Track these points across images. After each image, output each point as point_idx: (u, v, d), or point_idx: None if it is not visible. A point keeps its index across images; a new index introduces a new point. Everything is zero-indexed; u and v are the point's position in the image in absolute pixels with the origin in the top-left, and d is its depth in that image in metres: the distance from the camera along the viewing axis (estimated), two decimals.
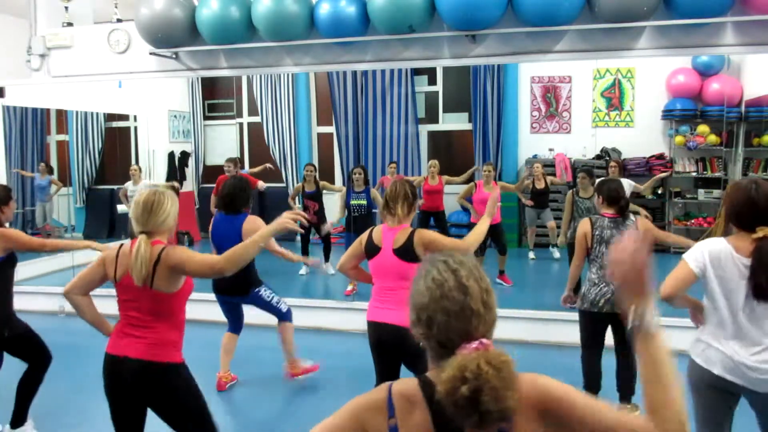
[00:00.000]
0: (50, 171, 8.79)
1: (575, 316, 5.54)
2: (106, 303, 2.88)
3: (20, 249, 3.51)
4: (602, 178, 4.93)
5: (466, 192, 7.16)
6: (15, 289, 3.66)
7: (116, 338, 2.61)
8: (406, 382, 1.33)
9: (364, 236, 3.26)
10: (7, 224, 3.54)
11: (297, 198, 7.87)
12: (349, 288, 6.76)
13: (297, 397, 4.38)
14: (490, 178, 7.06)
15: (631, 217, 3.82)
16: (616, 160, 7.53)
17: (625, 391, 3.92)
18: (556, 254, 8.36)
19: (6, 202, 3.51)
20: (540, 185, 8.09)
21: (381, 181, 8.76)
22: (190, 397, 2.63)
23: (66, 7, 6.28)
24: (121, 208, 8.71)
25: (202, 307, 5.98)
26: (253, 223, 4.16)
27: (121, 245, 2.62)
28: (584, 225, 3.80)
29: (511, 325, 5.29)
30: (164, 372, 2.56)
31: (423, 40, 5.15)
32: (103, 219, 9.78)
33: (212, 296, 5.98)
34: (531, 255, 8.49)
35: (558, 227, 7.98)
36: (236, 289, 4.33)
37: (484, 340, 1.22)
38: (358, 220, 6.88)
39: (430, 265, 1.32)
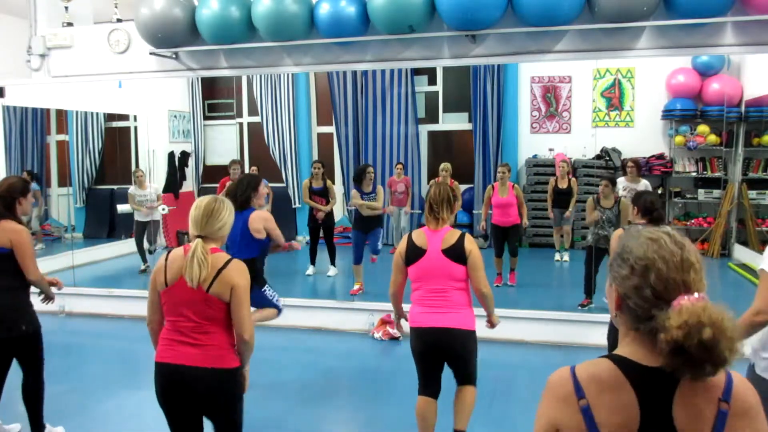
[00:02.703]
0: (34, 178, 8.55)
1: (575, 316, 5.56)
2: (106, 303, 2.88)
3: (19, 256, 3.38)
4: (639, 191, 4.95)
5: (486, 198, 7.19)
6: None
7: (167, 346, 2.55)
8: (593, 363, 1.31)
9: (402, 246, 3.26)
10: (24, 218, 3.49)
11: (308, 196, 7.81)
12: (356, 287, 6.74)
13: (297, 397, 4.38)
14: (505, 180, 7.05)
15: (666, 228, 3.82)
16: (633, 159, 7.47)
17: None
18: (565, 257, 8.40)
19: (24, 193, 3.44)
20: (563, 185, 7.98)
21: (389, 182, 8.76)
22: (242, 401, 2.64)
23: (66, 7, 6.29)
24: (121, 208, 8.71)
25: None
26: (260, 215, 4.20)
27: (168, 252, 2.60)
28: (620, 234, 3.73)
29: (512, 325, 5.29)
30: (226, 377, 2.54)
31: (423, 40, 5.15)
32: (102, 219, 9.78)
33: None
34: (557, 256, 8.47)
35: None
36: None
37: (705, 295, 1.22)
38: (368, 220, 6.85)
39: (637, 231, 1.34)
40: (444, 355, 3.24)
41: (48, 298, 3.61)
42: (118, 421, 3.94)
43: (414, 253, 3.21)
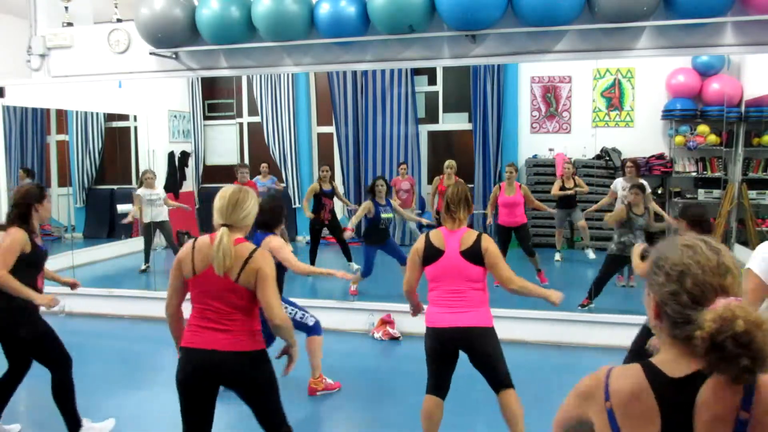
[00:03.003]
0: (31, 176, 8.55)
1: (575, 316, 5.56)
2: (106, 303, 2.88)
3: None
4: (686, 203, 4.84)
5: (492, 198, 7.14)
6: None
7: (195, 332, 2.61)
8: (628, 369, 1.34)
9: (420, 245, 3.25)
10: (38, 225, 3.52)
11: (309, 201, 7.79)
12: (353, 287, 6.73)
13: (297, 397, 4.37)
14: (512, 180, 7.02)
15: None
16: (633, 160, 7.44)
17: None
18: (591, 255, 8.11)
19: (40, 200, 3.46)
20: (569, 184, 7.95)
21: (393, 182, 8.74)
22: (275, 382, 2.70)
23: (66, 7, 6.29)
24: (121, 207, 8.70)
25: None
26: (267, 242, 3.98)
27: (195, 240, 2.64)
28: None
29: (512, 325, 5.29)
30: (255, 360, 2.62)
31: (423, 40, 5.15)
32: (102, 219, 9.78)
33: None
34: (557, 256, 8.42)
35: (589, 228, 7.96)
36: None
37: (741, 299, 1.22)
38: (383, 233, 6.69)
39: (673, 239, 1.35)
40: (469, 357, 3.21)
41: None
42: (118, 421, 3.94)
43: (431, 254, 3.21)
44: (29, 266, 3.42)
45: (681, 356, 1.28)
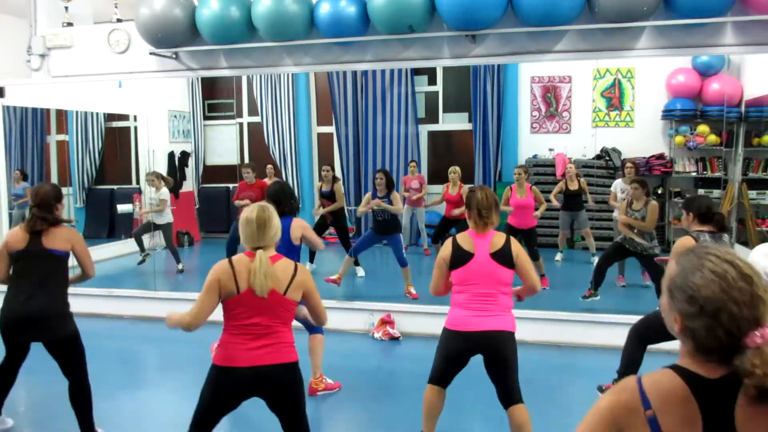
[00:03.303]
0: (25, 177, 8.51)
1: (575, 316, 5.56)
2: (106, 303, 2.88)
3: (78, 254, 3.66)
4: (690, 195, 4.78)
5: (504, 200, 7.08)
6: None
7: (240, 350, 2.65)
8: (659, 374, 1.33)
9: (447, 249, 3.25)
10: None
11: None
12: (334, 277, 6.63)
13: None
14: (522, 181, 6.98)
15: (726, 235, 3.68)
16: (632, 160, 7.40)
17: None
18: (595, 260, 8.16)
19: (59, 199, 3.62)
20: (573, 186, 7.81)
21: (403, 180, 8.73)
22: (303, 390, 2.81)
23: (66, 7, 6.29)
24: (121, 208, 8.70)
25: None
26: (299, 224, 4.27)
27: (230, 260, 2.69)
28: (688, 242, 3.53)
29: None
30: (297, 370, 2.74)
31: (423, 40, 5.15)
32: (103, 219, 9.78)
33: None
34: (558, 257, 8.41)
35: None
36: None
37: None
38: (382, 224, 6.72)
39: (698, 258, 1.31)
40: (487, 362, 3.20)
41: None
42: (118, 421, 3.94)
43: (460, 256, 3.20)
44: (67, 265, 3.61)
45: (710, 361, 1.28)
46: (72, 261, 3.66)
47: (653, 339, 3.88)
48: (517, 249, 3.22)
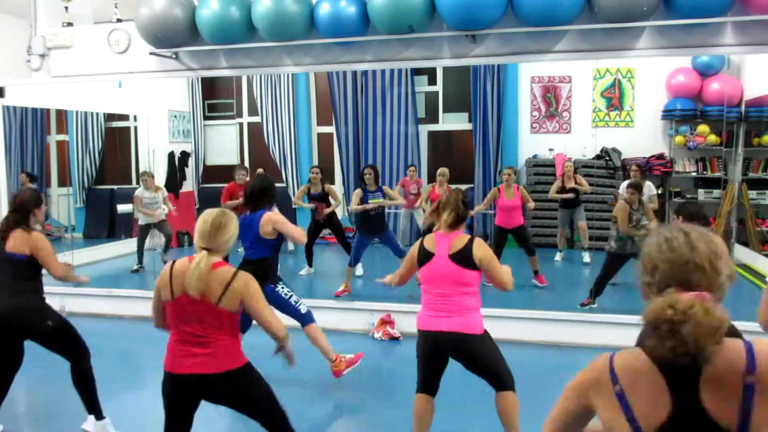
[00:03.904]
0: (32, 180, 8.52)
1: (575, 316, 5.56)
2: (106, 303, 2.88)
3: (41, 261, 3.61)
4: (683, 202, 4.83)
5: (489, 198, 7.20)
6: None
7: (176, 356, 2.64)
8: (628, 352, 1.41)
9: (415, 248, 3.30)
10: (38, 226, 3.77)
11: (302, 198, 7.82)
12: (341, 289, 6.74)
13: (297, 397, 4.37)
14: (511, 182, 7.00)
15: None
16: (637, 163, 7.43)
17: None
18: (587, 258, 8.07)
19: (38, 205, 3.67)
20: (570, 184, 7.89)
21: (402, 183, 8.76)
22: (262, 389, 2.75)
23: (66, 7, 6.29)
24: (121, 208, 8.69)
25: None
26: (269, 217, 4.22)
27: (173, 263, 2.67)
28: None
29: (512, 325, 5.29)
30: (236, 378, 2.66)
31: (423, 40, 5.15)
32: (103, 219, 9.78)
33: None
34: (558, 256, 8.41)
35: (589, 228, 7.97)
36: None
37: (705, 293, 1.32)
38: (373, 219, 6.83)
39: (666, 230, 1.44)
40: (450, 359, 3.24)
41: (81, 282, 4.07)
42: (118, 421, 3.93)
43: (423, 256, 3.24)
44: (37, 263, 3.60)
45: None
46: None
47: None
48: (481, 251, 3.15)
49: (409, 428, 3.41)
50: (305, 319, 4.41)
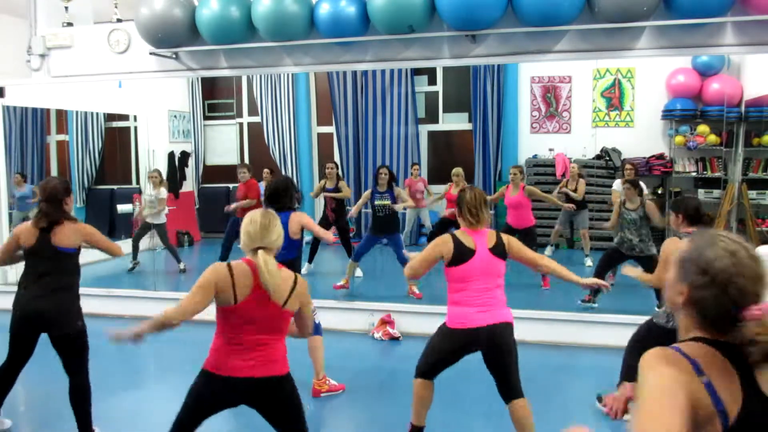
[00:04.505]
0: (25, 180, 8.50)
1: (575, 316, 5.56)
2: (106, 303, 2.87)
3: (96, 245, 3.69)
4: (680, 196, 4.78)
5: (498, 195, 7.21)
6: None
7: (231, 360, 2.58)
8: (689, 345, 1.41)
9: (448, 245, 3.23)
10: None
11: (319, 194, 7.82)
12: (341, 283, 6.73)
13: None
14: (517, 181, 6.99)
15: None
16: (632, 162, 7.43)
17: None
18: (589, 263, 7.97)
19: (68, 193, 3.59)
20: (572, 186, 7.91)
21: (407, 183, 8.76)
22: (299, 398, 2.75)
23: (66, 7, 6.28)
24: (121, 208, 8.69)
25: None
26: (297, 218, 4.26)
27: (229, 265, 2.58)
28: (676, 244, 3.47)
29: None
30: (291, 381, 2.69)
31: (423, 40, 5.15)
32: (103, 219, 9.76)
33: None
34: (547, 251, 8.39)
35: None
36: None
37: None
38: (382, 220, 6.80)
39: (712, 237, 1.45)
40: (489, 356, 3.23)
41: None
42: (118, 421, 3.94)
43: (463, 253, 3.22)
44: (78, 259, 3.64)
45: (713, 332, 1.40)
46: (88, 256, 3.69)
47: (652, 347, 3.86)
48: (507, 238, 3.35)
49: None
50: (314, 330, 4.40)
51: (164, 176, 9.90)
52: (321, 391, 4.35)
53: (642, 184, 7.28)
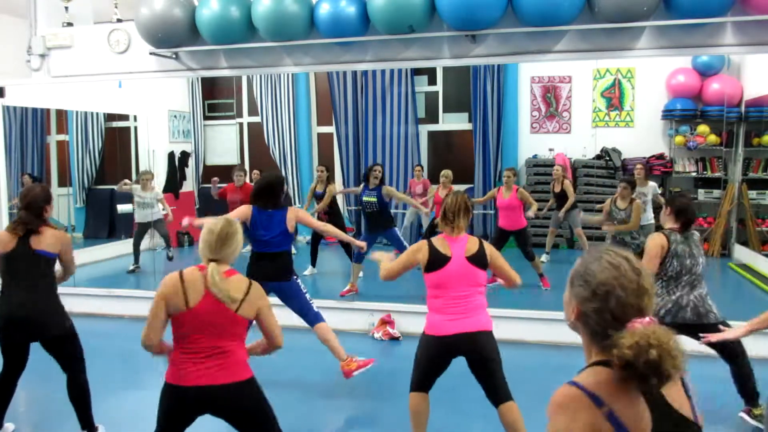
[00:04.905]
0: (34, 181, 8.47)
1: None
2: (106, 303, 2.87)
3: (65, 257, 3.63)
4: (675, 192, 4.89)
5: (488, 196, 7.21)
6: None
7: (186, 368, 2.55)
8: (590, 372, 1.39)
9: (423, 252, 3.25)
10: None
11: (311, 200, 7.81)
12: (348, 288, 6.75)
13: (297, 397, 4.38)
14: (510, 183, 7.00)
15: (696, 233, 3.82)
16: (641, 163, 7.45)
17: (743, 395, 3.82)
18: None
19: (48, 201, 3.61)
20: (557, 188, 7.98)
21: (409, 183, 8.75)
22: (266, 403, 2.72)
23: (66, 7, 6.28)
24: (121, 208, 8.69)
25: None
26: (294, 213, 4.37)
27: (181, 273, 2.60)
28: (661, 239, 3.69)
29: (512, 326, 5.29)
30: (247, 389, 2.63)
31: (423, 40, 5.14)
32: (103, 219, 9.77)
33: None
34: (543, 258, 8.42)
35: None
36: (280, 275, 4.36)
37: (653, 318, 1.37)
38: (370, 217, 6.86)
39: (599, 253, 1.47)
40: (471, 363, 3.23)
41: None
42: (119, 421, 3.94)
43: (437, 260, 3.22)
44: (52, 265, 3.60)
45: (605, 348, 1.37)
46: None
47: None
48: (490, 250, 3.29)
49: (409, 427, 3.41)
50: (316, 319, 4.45)
51: (164, 176, 9.94)
52: (352, 370, 4.41)
53: (653, 183, 7.33)
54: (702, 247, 3.81)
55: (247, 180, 8.58)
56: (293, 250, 9.02)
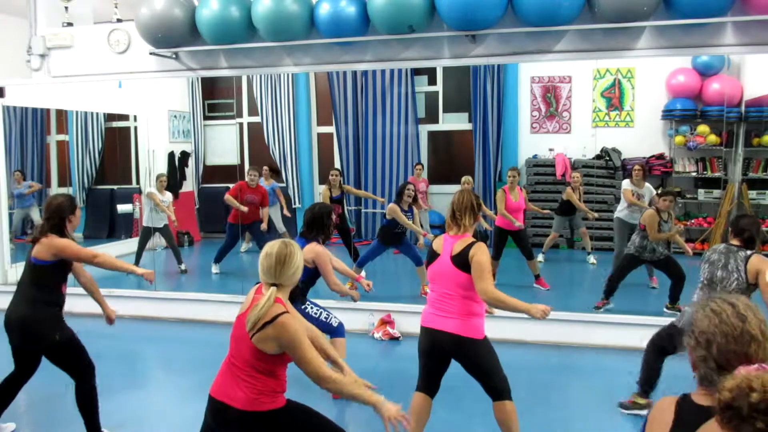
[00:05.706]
0: (24, 178, 8.56)
1: (575, 316, 5.56)
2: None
3: (70, 258, 3.60)
4: (739, 215, 4.90)
5: (500, 201, 7.02)
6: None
7: (218, 376, 2.54)
8: (664, 399, 1.50)
9: (430, 246, 3.38)
10: (72, 232, 3.71)
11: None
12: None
13: (297, 397, 4.37)
14: (515, 184, 6.96)
15: (746, 252, 3.69)
16: (640, 164, 7.44)
17: None
18: (593, 260, 8.04)
19: (73, 211, 3.61)
20: (576, 196, 7.80)
21: (410, 181, 8.72)
22: None
23: (66, 7, 6.29)
24: (121, 208, 8.70)
25: (204, 306, 5.98)
26: (311, 248, 4.16)
27: (258, 286, 2.55)
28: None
29: (512, 325, 5.29)
30: (257, 421, 2.47)
31: (423, 40, 5.15)
32: (103, 219, 9.78)
33: (214, 296, 5.97)
34: (540, 257, 8.39)
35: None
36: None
37: (765, 365, 1.32)
38: (397, 235, 6.70)
39: (707, 300, 1.48)
40: (451, 360, 3.26)
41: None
42: (120, 421, 3.94)
43: (431, 256, 3.31)
44: (61, 272, 3.60)
45: (708, 393, 1.41)
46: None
47: (671, 350, 3.90)
48: (475, 253, 3.10)
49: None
50: (335, 333, 4.41)
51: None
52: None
53: (649, 185, 7.27)
54: (744, 266, 3.63)
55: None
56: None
